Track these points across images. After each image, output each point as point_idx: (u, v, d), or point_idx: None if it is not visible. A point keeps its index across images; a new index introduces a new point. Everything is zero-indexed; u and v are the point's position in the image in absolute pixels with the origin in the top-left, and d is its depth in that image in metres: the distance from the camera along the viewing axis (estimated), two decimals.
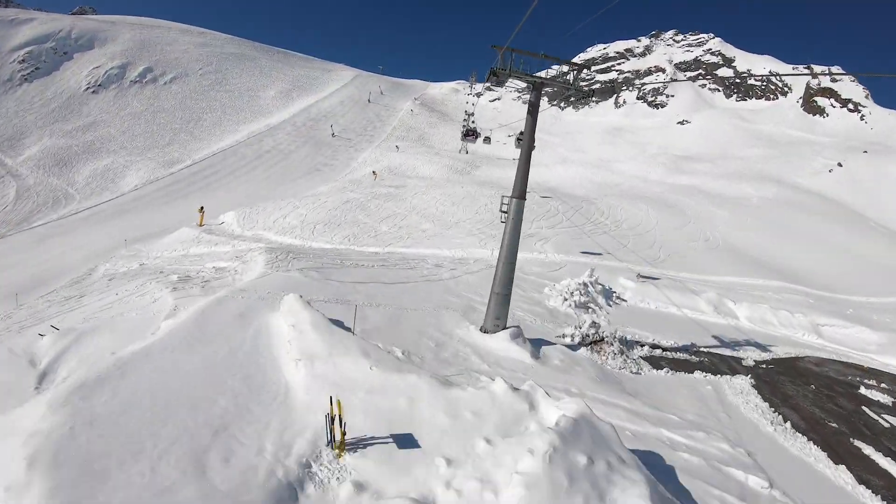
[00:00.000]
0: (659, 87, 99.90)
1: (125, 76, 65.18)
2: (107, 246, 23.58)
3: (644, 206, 29.34)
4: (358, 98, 76.53)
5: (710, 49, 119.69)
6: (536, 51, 9.32)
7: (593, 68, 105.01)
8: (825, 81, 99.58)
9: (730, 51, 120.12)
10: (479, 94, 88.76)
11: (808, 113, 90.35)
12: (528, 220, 23.93)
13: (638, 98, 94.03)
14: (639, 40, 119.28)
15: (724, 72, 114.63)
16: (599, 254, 20.33)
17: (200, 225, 24.11)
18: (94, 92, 60.20)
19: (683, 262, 20.46)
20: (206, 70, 71.19)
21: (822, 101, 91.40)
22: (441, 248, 19.92)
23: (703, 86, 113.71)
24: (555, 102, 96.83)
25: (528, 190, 10.17)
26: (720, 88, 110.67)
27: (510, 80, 9.02)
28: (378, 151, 51.76)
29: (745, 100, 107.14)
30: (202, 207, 26.64)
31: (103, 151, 47.61)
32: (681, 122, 77.42)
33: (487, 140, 38.38)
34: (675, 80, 63.06)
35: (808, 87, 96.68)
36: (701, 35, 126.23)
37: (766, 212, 32.42)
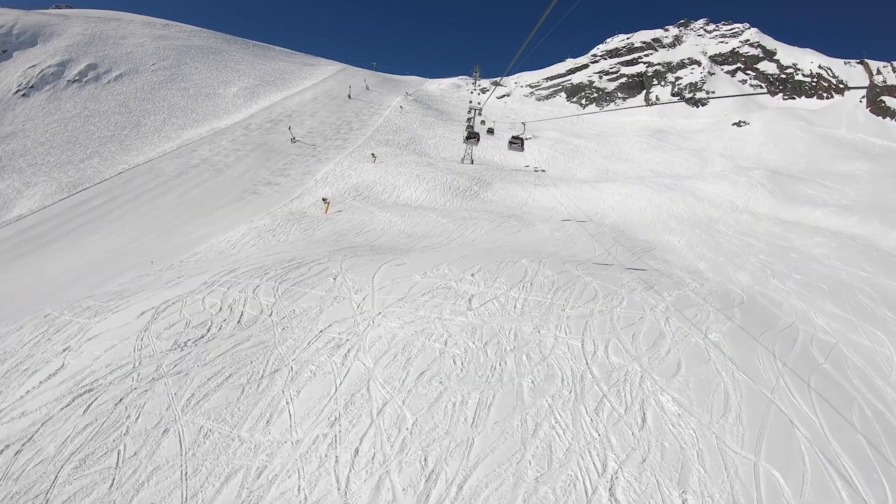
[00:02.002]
0: (697, 83, 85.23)
1: (63, 75, 53.35)
2: None
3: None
4: (337, 94, 62.09)
5: (748, 40, 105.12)
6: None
7: (617, 60, 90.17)
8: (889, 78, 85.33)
9: (769, 42, 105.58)
10: (483, 90, 74.06)
11: (876, 115, 75.56)
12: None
13: (673, 94, 79.29)
14: (666, 30, 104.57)
15: (767, 66, 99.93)
16: None
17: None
18: (24, 95, 48.52)
19: None
20: (161, 65, 59.06)
21: (890, 101, 76.74)
22: None
23: (744, 81, 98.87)
24: (574, 99, 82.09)
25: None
26: (763, 84, 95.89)
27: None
28: (349, 162, 36.86)
29: (794, 98, 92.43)
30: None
31: (8, 170, 34.78)
32: (737, 124, 62.50)
33: (491, 132, 30.80)
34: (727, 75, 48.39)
35: (872, 84, 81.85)
36: (735, 25, 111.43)
37: None
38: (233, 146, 41.45)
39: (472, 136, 31.48)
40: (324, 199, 24.72)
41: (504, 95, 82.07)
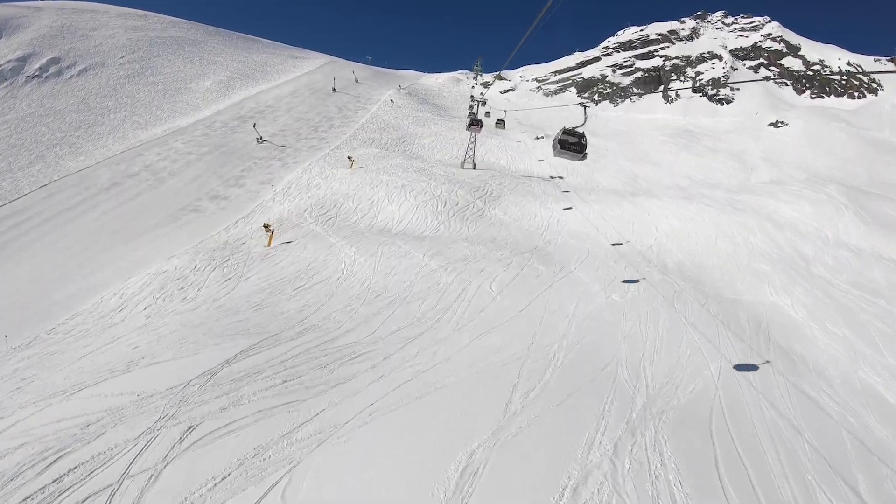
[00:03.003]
0: (720, 78, 78.10)
1: (22, 70, 47.56)
2: None
3: None
4: (321, 87, 55.06)
5: (770, 34, 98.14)
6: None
7: (631, 53, 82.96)
8: None
9: (791, 37, 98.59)
10: (486, 84, 66.94)
11: None
12: None
13: (694, 91, 72.20)
14: (682, 21, 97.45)
15: (791, 62, 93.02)
16: None
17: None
18: None
19: None
20: (130, 58, 53.77)
21: None
22: None
23: (768, 78, 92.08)
24: (586, 95, 74.82)
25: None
26: (788, 82, 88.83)
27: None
28: (320, 167, 29.81)
29: (822, 97, 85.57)
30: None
31: None
32: (773, 124, 55.40)
33: (501, 123, 27.55)
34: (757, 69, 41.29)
35: None
36: (755, 18, 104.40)
37: None
38: (186, 149, 34.29)
39: (475, 123, 25.97)
40: (266, 227, 17.54)
41: (508, 90, 74.87)
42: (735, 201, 23.18)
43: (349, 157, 29.60)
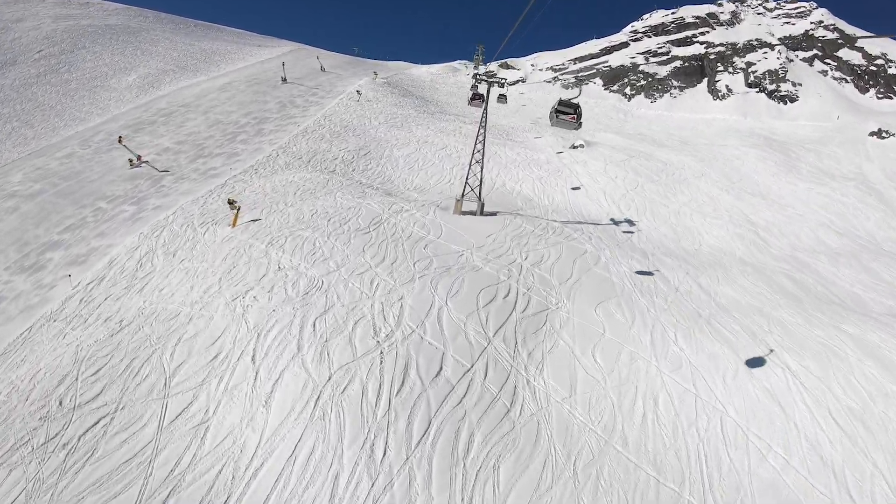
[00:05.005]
0: (777, 70, 63.88)
1: None
2: None
3: None
4: (268, 78, 41.00)
5: (821, 22, 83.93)
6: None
7: (666, 39, 68.42)
8: None
9: (844, 26, 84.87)
10: (490, 74, 51.79)
11: None
12: None
13: (749, 85, 58.10)
14: (719, 4, 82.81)
15: (849, 54, 78.89)
16: None
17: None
18: None
19: None
20: (49, 52, 45.36)
21: None
22: None
23: (824, 72, 77.68)
24: (615, 87, 59.90)
25: None
26: (848, 78, 74.81)
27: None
28: (185, 220, 15.07)
29: (890, 97, 71.90)
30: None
31: None
32: (877, 134, 41.26)
33: (503, 98, 20.87)
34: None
35: None
36: (800, 3, 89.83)
37: None
38: (14, 187, 19.81)
39: (476, 97, 18.57)
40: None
41: (518, 81, 60.11)
42: None
43: (230, 203, 14.81)
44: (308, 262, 12.10)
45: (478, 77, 18.82)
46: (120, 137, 24.16)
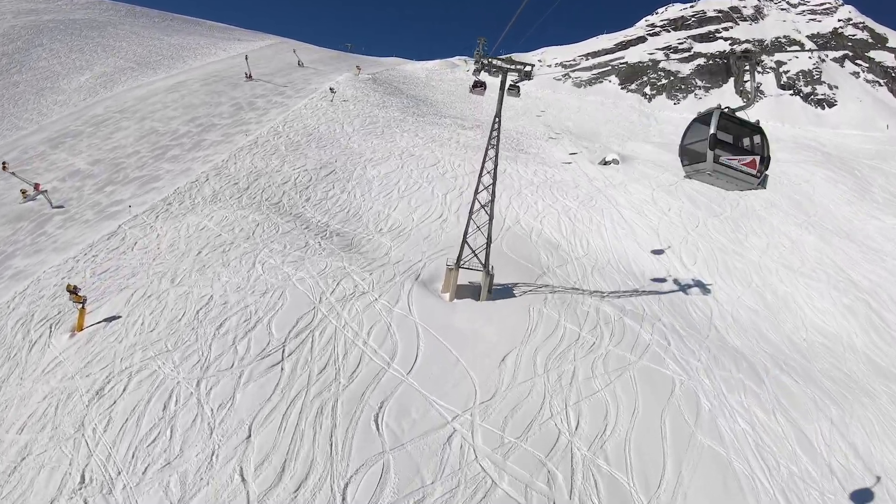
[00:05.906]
0: (811, 71, 57.94)
1: None
2: None
3: None
4: (231, 75, 35.15)
5: (850, 20, 78.25)
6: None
7: (687, 34, 62.17)
8: None
9: (873, 24, 79.43)
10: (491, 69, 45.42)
11: None
12: None
13: (782, 87, 52.17)
14: None
15: (881, 55, 73.31)
16: None
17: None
18: None
19: None
20: (2, 52, 41.18)
21: None
22: None
23: (857, 74, 71.79)
24: (633, 87, 53.57)
25: None
26: (881, 81, 69.15)
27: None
28: (46, 301, 8.95)
29: None
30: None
31: None
32: None
33: (515, 89, 14.89)
34: None
35: None
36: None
37: None
38: None
39: (478, 85, 13.95)
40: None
41: (522, 79, 53.66)
42: None
43: (71, 291, 8.93)
44: (138, 468, 6.03)
45: (484, 64, 12.83)
46: (3, 164, 17.94)
